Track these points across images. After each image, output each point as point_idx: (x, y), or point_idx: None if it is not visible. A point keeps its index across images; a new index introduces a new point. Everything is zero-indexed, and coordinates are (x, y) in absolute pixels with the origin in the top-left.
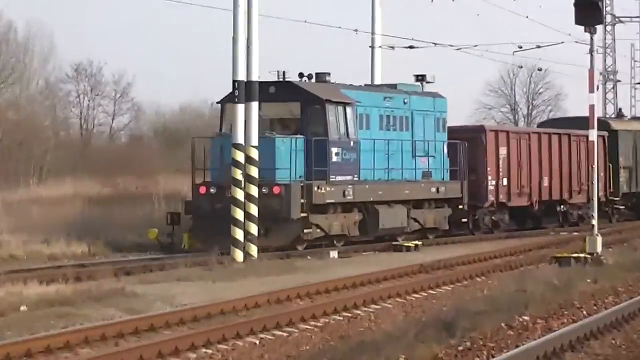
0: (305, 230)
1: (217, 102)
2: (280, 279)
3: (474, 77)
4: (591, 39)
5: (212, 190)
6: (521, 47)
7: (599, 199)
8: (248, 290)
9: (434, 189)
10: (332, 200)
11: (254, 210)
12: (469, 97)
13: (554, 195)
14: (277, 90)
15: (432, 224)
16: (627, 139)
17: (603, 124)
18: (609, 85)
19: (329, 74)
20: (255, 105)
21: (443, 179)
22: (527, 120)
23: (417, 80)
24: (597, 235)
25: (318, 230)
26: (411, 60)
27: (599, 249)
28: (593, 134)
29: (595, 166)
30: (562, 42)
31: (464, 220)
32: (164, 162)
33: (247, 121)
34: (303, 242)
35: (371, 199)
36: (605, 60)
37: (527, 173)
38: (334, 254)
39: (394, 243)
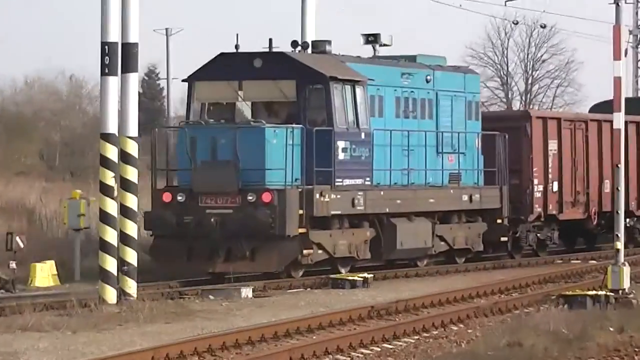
0: (304, 252)
1: (184, 80)
2: (169, 328)
3: (452, 38)
4: None
5: (179, 197)
6: None
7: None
8: (122, 344)
9: (466, 197)
10: (338, 212)
11: (131, 229)
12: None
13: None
14: (265, 65)
15: (463, 244)
16: None
17: None
18: None
19: (329, 42)
20: (134, 78)
21: (476, 183)
22: (525, 100)
23: (368, 41)
24: (624, 264)
25: (320, 251)
26: (368, 19)
27: (627, 284)
28: (619, 119)
29: (621, 165)
30: None
31: (504, 239)
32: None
33: (124, 101)
34: (300, 268)
35: (387, 210)
36: (637, 13)
37: (584, 175)
38: (247, 292)
39: (334, 277)
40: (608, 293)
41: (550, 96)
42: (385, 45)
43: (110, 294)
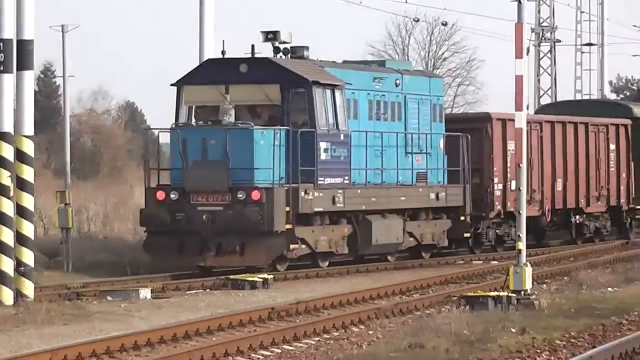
0: (291, 247)
1: (172, 85)
2: (67, 329)
3: (352, 35)
4: None
5: (172, 195)
6: None
7: (619, 207)
8: (19, 346)
9: (433, 195)
10: (321, 209)
11: (27, 229)
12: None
13: (568, 202)
14: (250, 70)
15: (430, 240)
16: None
17: (623, 109)
18: (545, 47)
19: (307, 47)
20: (29, 76)
21: (440, 182)
22: None
23: (267, 38)
24: (526, 265)
25: (303, 246)
26: (267, 16)
27: (529, 285)
28: (520, 119)
29: (523, 164)
30: None
31: (467, 235)
32: None
33: (19, 100)
34: (285, 261)
35: (363, 208)
36: (539, 11)
37: (539, 174)
38: (145, 293)
39: (233, 278)
40: (510, 294)
41: (452, 95)
42: (284, 42)
43: (7, 295)
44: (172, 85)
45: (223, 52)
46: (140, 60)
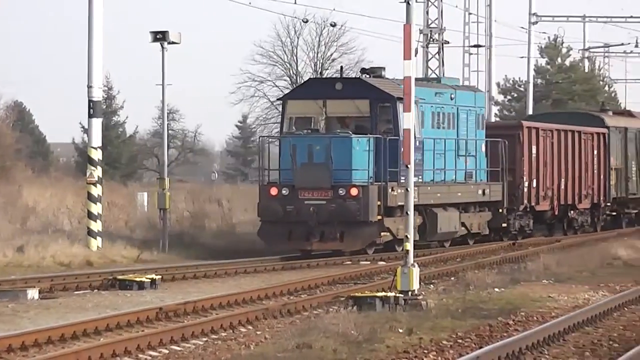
0: (382, 234)
1: (278, 99)
2: None
3: (241, 36)
4: None
5: (284, 191)
6: None
7: (596, 204)
8: None
9: (480, 192)
10: (402, 203)
11: None
12: (233, 65)
13: (568, 199)
14: (345, 87)
15: (477, 229)
16: (618, 137)
17: (597, 120)
18: (433, 48)
19: (383, 68)
20: None
21: (483, 180)
22: None
23: (156, 39)
24: (414, 266)
25: (387, 233)
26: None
27: (416, 285)
28: (408, 120)
29: (411, 165)
30: None
31: (504, 225)
32: None
33: None
34: (374, 246)
35: (432, 202)
36: (427, 13)
37: (551, 174)
38: (33, 293)
39: (121, 278)
40: (397, 294)
41: None
42: (173, 43)
43: None
44: (278, 99)
45: (321, 73)
46: (30, 60)
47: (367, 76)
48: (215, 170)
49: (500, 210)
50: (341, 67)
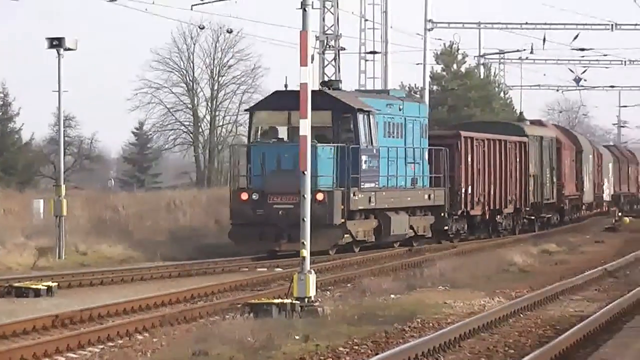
0: (345, 236)
1: (246, 110)
2: None
3: (138, 43)
4: None
5: (254, 196)
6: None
7: (518, 209)
8: None
9: (426, 196)
10: (362, 207)
11: None
12: (130, 72)
13: (497, 204)
14: None
15: (422, 231)
16: (535, 145)
17: (518, 129)
18: (329, 55)
19: (340, 81)
20: None
21: (425, 185)
22: (211, 106)
23: (52, 45)
24: (310, 272)
25: (348, 235)
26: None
27: (313, 292)
28: (305, 126)
29: (307, 172)
30: None
31: (446, 228)
32: None
33: None
34: (336, 247)
35: (386, 206)
36: (324, 19)
37: (483, 181)
38: None
39: (17, 285)
40: (294, 301)
41: (237, 102)
42: (69, 49)
43: None
44: (245, 110)
45: (286, 85)
46: None
47: (327, 89)
48: (112, 177)
49: (443, 214)
50: (321, 83)
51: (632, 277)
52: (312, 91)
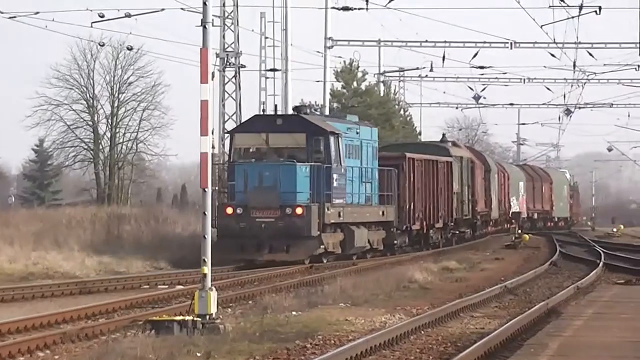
0: (321, 247)
1: (226, 132)
2: None
3: (36, 59)
4: (204, 4)
5: (238, 210)
6: (103, 16)
7: (445, 224)
8: None
9: (381, 213)
10: (333, 221)
11: None
12: (28, 89)
13: (431, 220)
14: (284, 123)
15: (376, 245)
16: (457, 165)
17: (444, 150)
18: (230, 72)
19: (310, 107)
20: None
21: (376, 203)
22: (112, 123)
23: None
24: (212, 289)
25: (322, 246)
26: None
27: (214, 309)
28: (206, 143)
29: (208, 189)
30: (162, 10)
31: (395, 241)
32: None
33: None
34: (309, 257)
35: (351, 220)
36: (224, 37)
37: (421, 198)
38: None
39: None
40: (195, 318)
41: (137, 119)
42: None
43: None
44: (226, 132)
45: (264, 110)
46: None
47: (300, 113)
48: (12, 194)
49: (392, 229)
50: (275, 106)
51: (531, 294)
52: (288, 115)
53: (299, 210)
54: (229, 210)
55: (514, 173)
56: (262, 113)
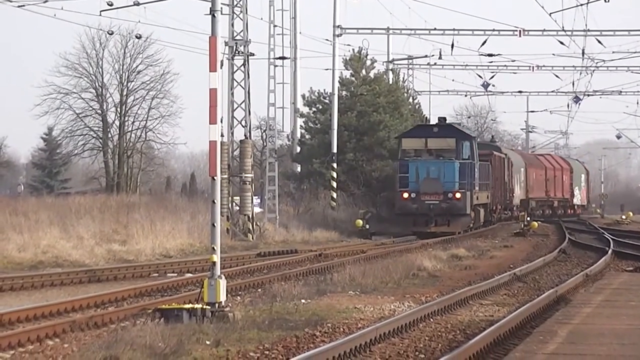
0: (472, 221)
1: (396, 137)
2: None
3: (46, 48)
4: None
5: (412, 195)
6: (111, 5)
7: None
8: None
9: (486, 197)
10: (475, 203)
11: None
12: (38, 77)
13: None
14: (439, 130)
15: (488, 218)
16: (507, 160)
17: (497, 148)
18: (239, 60)
19: (445, 118)
20: None
21: (476, 189)
22: (121, 111)
23: None
24: (221, 277)
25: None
26: None
27: (223, 297)
28: (215, 132)
29: (217, 177)
30: None
31: (490, 219)
32: None
33: None
34: (463, 230)
35: (480, 202)
36: (233, 25)
37: (498, 186)
38: None
39: None
40: (204, 306)
41: (146, 108)
42: None
43: None
44: (395, 137)
45: (426, 119)
46: None
47: (444, 122)
48: (21, 182)
49: (487, 210)
50: (438, 118)
51: (540, 282)
52: (442, 125)
53: (458, 195)
54: (405, 195)
55: (576, 166)
56: (423, 123)
